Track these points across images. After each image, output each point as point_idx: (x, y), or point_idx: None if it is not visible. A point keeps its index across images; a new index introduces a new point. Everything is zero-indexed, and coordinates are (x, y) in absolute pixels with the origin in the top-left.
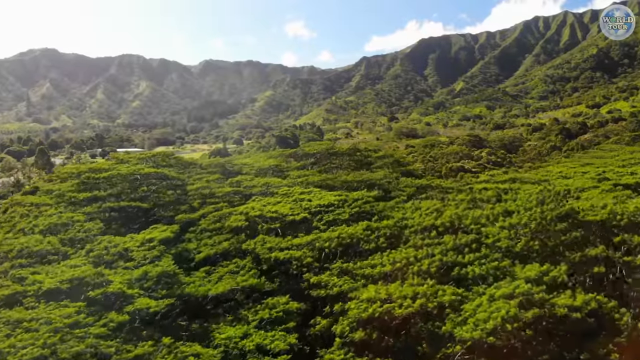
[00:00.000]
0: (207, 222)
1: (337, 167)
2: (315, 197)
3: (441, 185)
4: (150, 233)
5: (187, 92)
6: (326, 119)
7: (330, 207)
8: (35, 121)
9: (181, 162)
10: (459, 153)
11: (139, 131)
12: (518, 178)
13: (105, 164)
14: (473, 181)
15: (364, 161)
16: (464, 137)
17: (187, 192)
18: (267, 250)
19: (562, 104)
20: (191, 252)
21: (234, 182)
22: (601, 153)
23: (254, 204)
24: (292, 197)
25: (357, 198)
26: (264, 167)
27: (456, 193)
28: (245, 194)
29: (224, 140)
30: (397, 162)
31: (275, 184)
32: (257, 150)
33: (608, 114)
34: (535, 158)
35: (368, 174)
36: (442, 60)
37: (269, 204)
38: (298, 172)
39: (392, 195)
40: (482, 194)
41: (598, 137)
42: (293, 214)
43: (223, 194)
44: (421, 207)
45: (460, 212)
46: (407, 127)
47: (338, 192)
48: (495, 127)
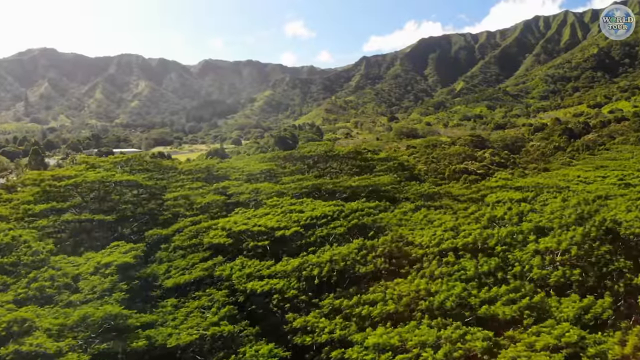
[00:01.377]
0: (182, 239)
1: (337, 172)
2: (308, 207)
3: (451, 193)
4: (109, 255)
5: (186, 91)
6: (326, 119)
7: (324, 219)
8: (33, 121)
9: (161, 166)
10: (462, 154)
11: (137, 131)
12: (538, 184)
13: (72, 169)
14: (485, 186)
15: (366, 165)
16: (465, 138)
17: (163, 202)
18: (245, 277)
19: (563, 103)
20: (160, 276)
21: (219, 189)
22: (612, 154)
23: (237, 216)
24: (282, 207)
25: (355, 209)
26: (254, 171)
27: (469, 203)
28: (231, 204)
29: (222, 141)
30: (402, 166)
31: (265, 191)
32: (255, 150)
33: (610, 114)
34: (539, 159)
35: (370, 179)
36: (442, 60)
37: (255, 216)
38: (291, 178)
39: (396, 205)
40: (502, 207)
41: (602, 137)
42: (282, 227)
43: (204, 205)
44: (431, 219)
45: (480, 230)
46: (408, 127)
47: (334, 202)
48: (496, 127)
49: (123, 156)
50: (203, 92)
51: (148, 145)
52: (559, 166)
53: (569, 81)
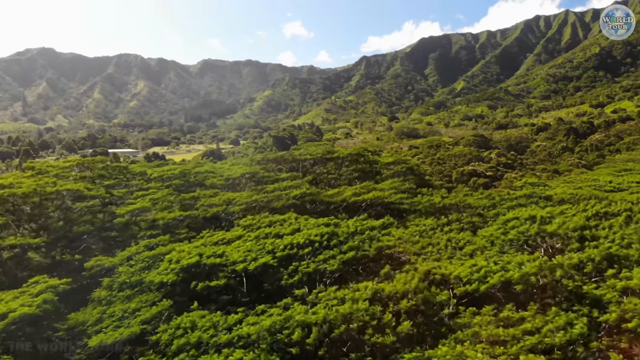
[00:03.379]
0: (130, 272)
1: (335, 178)
2: (289, 228)
3: (469, 204)
4: (14, 299)
5: (185, 91)
6: (325, 119)
7: (309, 247)
8: (30, 121)
9: (129, 172)
10: (467, 155)
11: (135, 131)
12: (572, 194)
13: (9, 177)
14: (510, 195)
15: (369, 169)
16: (468, 138)
17: (113, 219)
18: (191, 346)
19: (565, 103)
20: (89, 328)
21: (188, 201)
22: (631, 155)
23: (195, 244)
24: (258, 228)
25: (354, 231)
26: (235, 176)
27: (493, 215)
28: (204, 220)
29: (221, 141)
30: (410, 170)
31: (241, 201)
32: (253, 151)
33: (613, 114)
34: (546, 159)
35: (374, 188)
36: (442, 60)
37: (219, 242)
38: (278, 185)
39: (406, 220)
40: (553, 224)
41: (609, 137)
42: (248, 259)
43: (164, 223)
44: (458, 244)
45: (536, 257)
46: (408, 127)
47: (326, 221)
48: (498, 127)
49: (79, 159)
50: (202, 92)
51: (145, 145)
52: (567, 167)
53: (570, 81)
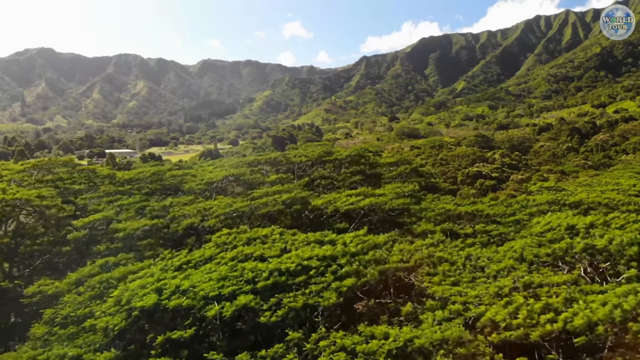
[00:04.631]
0: (74, 304)
1: (333, 182)
2: (274, 248)
3: (486, 212)
4: None
5: (185, 91)
6: (325, 119)
7: (301, 275)
8: (29, 121)
9: (97, 175)
10: (470, 155)
11: (134, 131)
12: (600, 203)
13: None
14: (531, 201)
15: (371, 172)
16: (471, 138)
17: (58, 239)
18: None
19: (566, 103)
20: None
21: (157, 210)
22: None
23: (154, 269)
24: (235, 248)
25: (355, 252)
26: (216, 179)
27: (516, 226)
28: (169, 232)
29: (219, 141)
30: (415, 172)
31: (219, 211)
32: (251, 151)
33: (615, 114)
34: (550, 160)
35: (373, 194)
36: (442, 60)
37: (186, 264)
38: (265, 190)
39: (412, 230)
40: (603, 237)
41: (613, 137)
42: (224, 293)
43: (126, 235)
44: (485, 270)
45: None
46: (409, 127)
47: (318, 236)
48: (499, 127)
49: (37, 161)
50: (202, 92)
51: (143, 146)
52: (573, 168)
53: (571, 81)
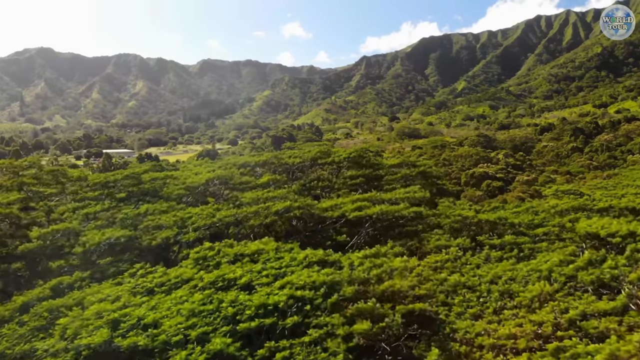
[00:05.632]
0: (12, 339)
1: (330, 186)
2: (268, 271)
3: (509, 221)
4: None
5: (184, 91)
6: (325, 119)
7: (295, 313)
8: (28, 121)
9: (67, 178)
10: (474, 156)
11: (133, 131)
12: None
13: None
14: (554, 208)
15: (373, 175)
16: (473, 138)
17: (9, 253)
18: None
19: (567, 103)
20: None
21: (130, 219)
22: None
23: (122, 290)
24: (216, 266)
25: (365, 279)
26: (197, 183)
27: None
28: (141, 247)
29: (218, 141)
30: (423, 175)
31: (199, 222)
32: (250, 151)
33: (617, 114)
34: (554, 160)
35: (382, 200)
36: (443, 60)
37: (150, 291)
38: (255, 195)
39: (424, 241)
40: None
41: (618, 137)
42: (191, 337)
43: (80, 257)
44: (509, 300)
45: None
46: (409, 127)
47: (320, 254)
48: (501, 127)
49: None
50: (202, 92)
51: (141, 146)
52: (579, 168)
53: (572, 81)
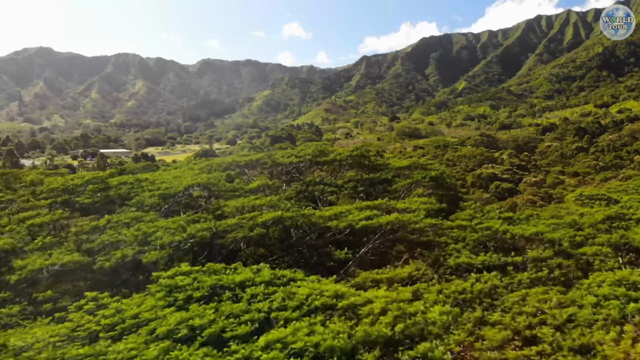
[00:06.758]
0: None
1: (328, 192)
2: (253, 313)
3: (548, 237)
4: None
5: (184, 91)
6: (325, 119)
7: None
8: (26, 121)
9: (21, 182)
10: (477, 156)
11: (131, 131)
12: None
13: None
14: (593, 217)
15: (378, 179)
16: (475, 138)
17: None
18: None
19: (569, 103)
20: None
21: (85, 234)
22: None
23: (56, 333)
24: (190, 298)
25: (392, 339)
26: (175, 191)
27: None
28: (97, 271)
29: (217, 141)
30: (435, 181)
31: (164, 239)
32: (248, 151)
33: (619, 114)
34: (559, 160)
35: (395, 209)
36: (443, 60)
37: (99, 334)
38: (240, 203)
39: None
40: None
41: (622, 137)
42: None
43: (11, 288)
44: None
45: None
46: (410, 127)
47: (329, 285)
48: (502, 127)
49: None
50: (201, 91)
51: (139, 145)
52: (585, 169)
53: (573, 80)
